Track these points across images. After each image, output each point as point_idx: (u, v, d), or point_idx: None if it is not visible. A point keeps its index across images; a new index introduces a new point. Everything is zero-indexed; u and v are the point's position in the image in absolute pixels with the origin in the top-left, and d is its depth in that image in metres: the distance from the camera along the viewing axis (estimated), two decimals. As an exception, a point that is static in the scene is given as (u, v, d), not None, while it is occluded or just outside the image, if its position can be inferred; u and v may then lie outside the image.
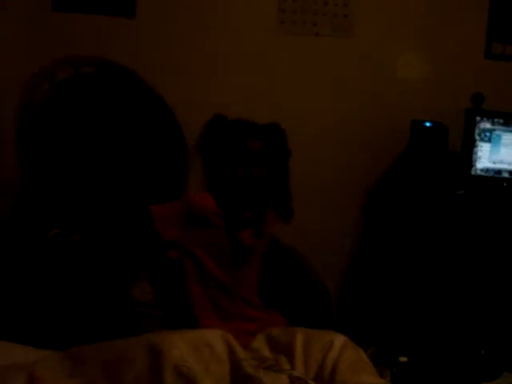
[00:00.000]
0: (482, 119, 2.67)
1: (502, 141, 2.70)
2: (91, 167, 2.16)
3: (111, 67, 2.31)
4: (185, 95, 2.72)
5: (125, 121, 2.27)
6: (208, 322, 1.78)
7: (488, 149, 2.70)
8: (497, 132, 2.69)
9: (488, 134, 2.68)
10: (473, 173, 2.69)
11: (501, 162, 2.72)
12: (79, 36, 2.72)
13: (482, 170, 2.70)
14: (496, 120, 2.68)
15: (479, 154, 2.68)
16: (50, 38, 2.70)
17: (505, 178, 2.72)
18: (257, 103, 2.80)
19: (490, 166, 2.71)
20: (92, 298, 1.78)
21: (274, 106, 2.82)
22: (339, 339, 1.60)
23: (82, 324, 1.75)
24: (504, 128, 2.69)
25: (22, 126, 2.04)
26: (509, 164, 2.73)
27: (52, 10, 2.70)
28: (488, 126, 2.68)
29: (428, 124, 2.71)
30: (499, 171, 2.72)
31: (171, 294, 1.87)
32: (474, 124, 2.66)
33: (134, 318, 1.75)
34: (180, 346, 1.43)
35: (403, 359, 1.99)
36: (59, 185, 2.06)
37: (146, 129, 2.30)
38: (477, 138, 2.67)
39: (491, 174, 2.71)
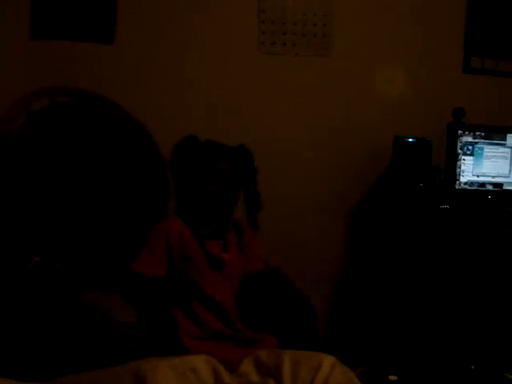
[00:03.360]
0: (463, 133, 2.69)
1: (485, 154, 2.72)
2: (70, 195, 2.15)
3: (87, 96, 2.31)
4: (165, 120, 2.70)
5: (103, 148, 2.26)
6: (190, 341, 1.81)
7: (471, 162, 2.71)
8: (479, 145, 2.71)
9: (470, 147, 2.70)
10: (457, 187, 2.70)
11: (484, 174, 2.74)
12: (59, 62, 2.70)
13: (466, 183, 2.71)
14: (478, 133, 2.71)
15: (463, 167, 2.70)
16: (28, 66, 2.68)
17: (489, 191, 2.74)
18: (238, 123, 2.80)
19: (474, 179, 2.72)
20: (74, 322, 1.77)
21: (256, 125, 2.82)
22: (328, 360, 1.58)
23: (65, 349, 1.74)
24: (486, 141, 2.72)
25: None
26: (492, 177, 2.74)
27: (31, 38, 2.68)
28: (470, 139, 2.70)
29: (411, 139, 2.72)
30: (483, 184, 2.74)
31: (154, 314, 1.90)
32: (456, 138, 2.68)
33: (117, 339, 1.74)
34: (165, 372, 1.41)
35: (393, 378, 1.97)
36: (38, 213, 2.05)
37: (124, 155, 2.29)
38: (459, 151, 2.69)
39: (475, 187, 2.73)
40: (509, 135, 2.74)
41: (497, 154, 2.74)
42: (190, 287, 1.92)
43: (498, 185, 2.76)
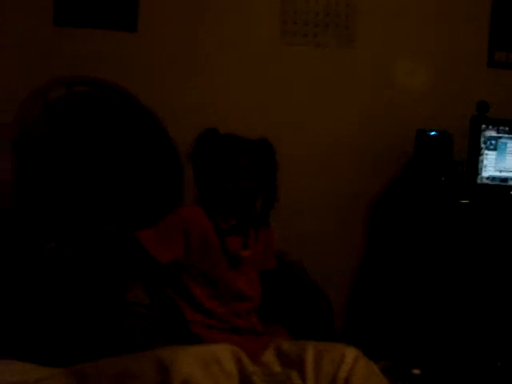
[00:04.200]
0: (487, 127, 2.65)
1: (508, 149, 2.69)
2: (86, 184, 2.15)
3: (104, 86, 2.32)
4: (185, 110, 2.72)
5: (118, 138, 2.26)
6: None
7: (494, 157, 2.68)
8: (502, 140, 2.68)
9: (493, 142, 2.67)
10: (478, 181, 2.67)
11: (507, 170, 2.70)
12: (81, 50, 2.71)
13: (487, 178, 2.68)
14: (501, 128, 2.67)
15: (485, 162, 2.67)
16: (50, 53, 2.69)
17: (511, 187, 2.70)
18: (258, 115, 2.79)
19: (496, 174, 2.69)
20: (88, 305, 1.78)
21: (276, 117, 2.82)
22: (351, 352, 1.57)
23: (80, 332, 1.75)
24: (510, 136, 2.68)
25: (17, 145, 2.05)
26: (515, 172, 2.71)
27: (54, 24, 2.68)
28: (493, 134, 2.67)
29: (433, 133, 2.70)
30: (505, 179, 2.71)
31: (167, 297, 1.90)
32: (479, 132, 2.65)
33: (129, 318, 1.74)
34: (189, 362, 1.40)
35: (416, 371, 1.96)
36: (54, 201, 2.06)
37: (139, 146, 2.29)
38: (482, 146, 2.65)
39: (497, 183, 2.69)
40: (533, 130, 2.71)
41: (520, 150, 2.70)
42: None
43: (521, 180, 2.73)
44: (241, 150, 1.98)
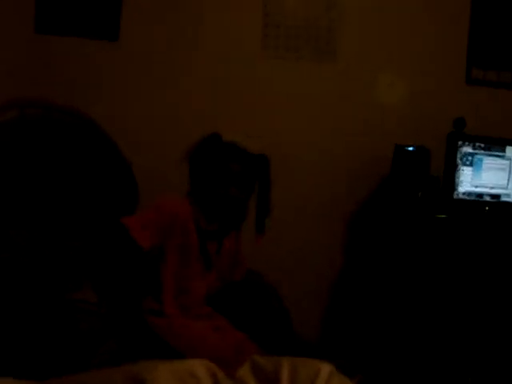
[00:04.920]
0: (463, 143, 2.69)
1: (484, 165, 2.73)
2: (35, 201, 2.20)
3: (56, 109, 2.34)
4: (164, 120, 2.75)
5: (68, 158, 2.31)
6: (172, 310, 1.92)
7: (470, 173, 2.72)
8: (478, 156, 2.72)
9: (470, 158, 2.71)
10: (455, 197, 2.70)
11: (482, 185, 2.74)
12: (61, 58, 2.70)
13: (464, 193, 2.72)
14: (477, 144, 2.71)
15: (461, 177, 2.71)
16: (31, 61, 2.67)
17: (487, 202, 2.75)
18: (238, 127, 2.78)
19: (472, 189, 2.73)
20: (36, 304, 1.81)
21: (256, 130, 2.81)
22: (326, 368, 1.57)
23: (27, 332, 1.77)
24: (485, 152, 2.73)
25: None
26: (490, 188, 2.76)
27: (35, 32, 2.67)
28: (470, 150, 2.71)
29: (411, 148, 2.73)
30: (481, 195, 2.75)
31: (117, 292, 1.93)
32: (456, 148, 2.69)
33: (75, 313, 1.79)
34: (164, 377, 1.39)
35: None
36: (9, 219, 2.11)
37: (91, 164, 2.34)
38: (459, 162, 2.69)
39: (473, 198, 2.74)
40: (508, 147, 2.75)
41: (496, 166, 2.75)
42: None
43: (496, 196, 2.77)
44: (235, 158, 2.03)
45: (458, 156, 2.69)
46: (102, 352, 1.79)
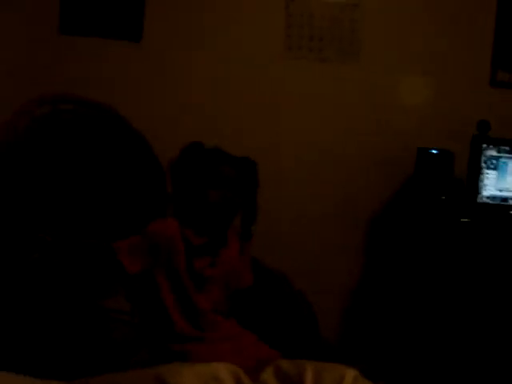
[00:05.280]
0: (488, 147, 2.66)
1: (508, 168, 2.70)
2: (69, 199, 2.20)
3: (88, 104, 2.35)
4: (187, 120, 2.73)
5: (101, 154, 2.31)
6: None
7: (494, 176, 2.69)
8: (503, 159, 2.69)
9: (494, 161, 2.67)
10: (479, 200, 2.67)
11: (507, 189, 2.71)
12: (85, 58, 2.72)
13: (488, 197, 2.69)
14: (502, 147, 2.68)
15: (485, 181, 2.67)
16: (54, 60, 2.70)
17: (511, 206, 2.71)
18: (262, 128, 2.80)
19: (496, 193, 2.70)
20: (69, 312, 1.83)
21: (280, 131, 2.83)
22: (350, 373, 1.56)
23: (59, 339, 1.79)
24: (510, 156, 2.69)
25: (3, 160, 2.09)
26: (515, 192, 2.72)
27: (60, 32, 2.69)
28: (494, 153, 2.67)
29: (434, 151, 2.70)
30: (505, 199, 2.71)
31: (148, 304, 1.95)
32: (480, 151, 2.65)
33: (107, 323, 1.80)
34: (189, 380, 1.40)
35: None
36: (38, 217, 2.10)
37: (122, 162, 2.33)
38: (483, 165, 2.66)
39: (497, 202, 2.70)
40: (533, 151, 2.72)
41: (521, 170, 2.71)
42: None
43: (521, 200, 2.74)
44: (224, 161, 2.04)
45: (482, 159, 2.66)
46: (133, 362, 1.79)
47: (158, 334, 1.90)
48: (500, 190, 2.70)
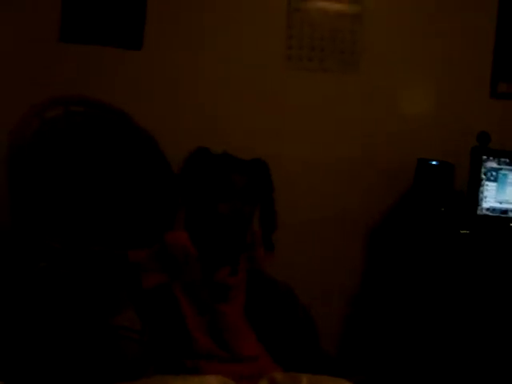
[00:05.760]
0: (488, 158, 2.66)
1: (508, 180, 2.69)
2: (78, 203, 2.16)
3: (99, 106, 2.34)
4: (187, 129, 2.72)
5: (113, 158, 2.28)
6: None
7: (494, 188, 2.68)
8: (503, 171, 2.68)
9: (494, 173, 2.67)
10: (479, 212, 2.67)
11: (507, 201, 2.70)
12: (85, 66, 2.71)
13: (487, 209, 2.68)
14: (502, 159, 2.68)
15: (485, 193, 2.67)
16: (54, 68, 2.69)
17: (511, 218, 2.70)
18: (262, 138, 2.79)
19: (496, 205, 2.69)
20: (75, 327, 1.76)
21: (280, 141, 2.82)
22: (346, 386, 1.55)
23: (68, 354, 1.74)
24: (510, 167, 2.69)
25: (12, 164, 2.06)
26: (515, 204, 2.71)
27: (60, 40, 2.69)
28: (494, 165, 2.67)
29: (434, 162, 2.70)
30: (505, 211, 2.70)
31: (163, 320, 1.83)
32: (480, 163, 2.65)
33: (116, 340, 1.72)
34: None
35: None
36: (48, 220, 2.06)
37: (133, 166, 2.31)
38: (483, 177, 2.66)
39: (497, 214, 2.69)
40: (534, 163, 2.71)
41: (521, 182, 2.71)
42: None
43: (521, 212, 2.72)
44: (235, 169, 1.90)
45: (482, 171, 2.65)
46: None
47: (171, 351, 1.76)
48: (500, 202, 2.69)
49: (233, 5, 2.81)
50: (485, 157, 2.66)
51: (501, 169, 2.68)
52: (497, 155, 2.67)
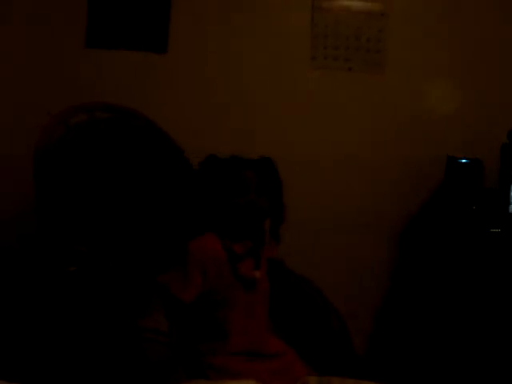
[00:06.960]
0: (519, 155, 2.61)
1: (540, 177, 2.64)
2: (104, 208, 2.18)
3: (124, 112, 2.36)
4: (212, 132, 2.74)
5: (138, 165, 2.30)
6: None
7: (525, 185, 2.63)
8: (534, 168, 2.63)
9: (525, 170, 2.62)
10: (510, 210, 2.62)
11: (538, 199, 2.65)
12: (111, 71, 2.74)
13: (519, 207, 2.63)
14: (533, 156, 2.62)
15: (516, 191, 2.62)
16: (80, 74, 2.72)
17: (543, 216, 2.65)
18: (289, 138, 2.79)
19: (528, 203, 2.64)
20: (102, 329, 1.79)
21: (307, 140, 2.81)
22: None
23: (94, 355, 1.76)
24: (542, 164, 2.63)
25: (37, 171, 2.07)
26: (547, 202, 2.65)
27: (86, 46, 2.71)
28: (525, 162, 2.62)
29: (464, 160, 2.66)
30: (537, 209, 2.65)
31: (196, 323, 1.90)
32: (510, 160, 2.60)
33: (141, 343, 1.74)
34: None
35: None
36: (74, 226, 2.08)
37: (159, 174, 2.33)
38: (514, 174, 2.61)
39: (529, 212, 2.64)
40: None
41: (553, 179, 2.65)
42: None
43: (553, 210, 2.67)
44: (244, 167, 2.03)
45: (513, 168, 2.61)
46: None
47: (200, 351, 1.85)
48: (531, 200, 2.64)
49: (258, 4, 2.82)
50: (515, 154, 2.61)
51: (532, 165, 2.63)
52: (528, 152, 2.62)
